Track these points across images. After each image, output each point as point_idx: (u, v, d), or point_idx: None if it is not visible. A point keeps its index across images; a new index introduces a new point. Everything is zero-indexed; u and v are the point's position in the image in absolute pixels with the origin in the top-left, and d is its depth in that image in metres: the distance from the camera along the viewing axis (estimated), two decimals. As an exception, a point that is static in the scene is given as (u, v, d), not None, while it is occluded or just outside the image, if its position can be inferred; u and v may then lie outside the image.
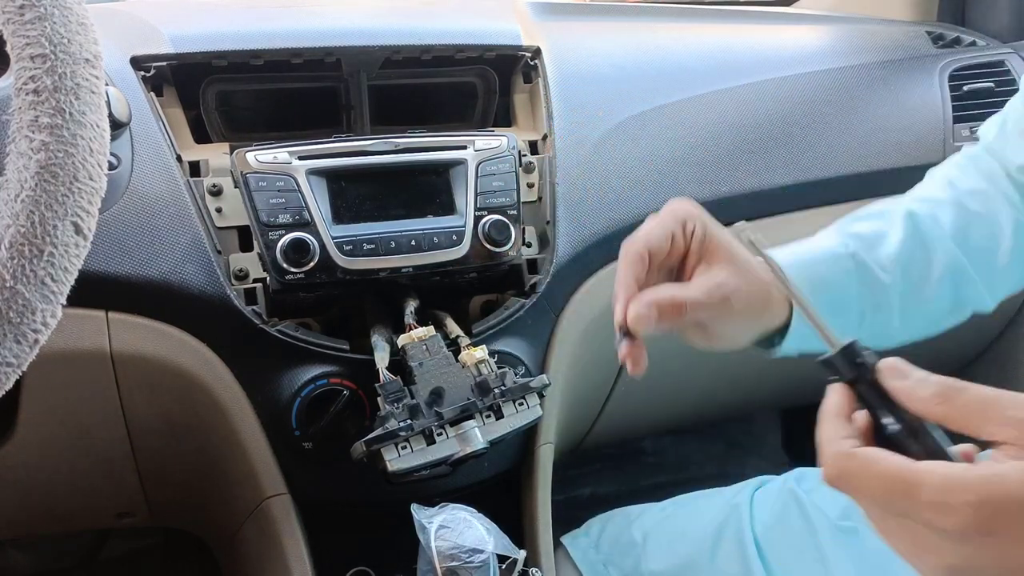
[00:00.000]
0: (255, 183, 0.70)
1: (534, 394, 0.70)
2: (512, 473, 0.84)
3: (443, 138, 0.77)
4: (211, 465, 0.80)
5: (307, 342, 0.73)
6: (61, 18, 0.50)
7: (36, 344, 0.48)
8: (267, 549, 0.77)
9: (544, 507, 0.82)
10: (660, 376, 1.05)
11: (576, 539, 0.89)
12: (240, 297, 0.73)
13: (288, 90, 0.86)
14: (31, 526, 0.97)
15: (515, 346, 0.79)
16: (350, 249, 0.71)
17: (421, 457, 0.65)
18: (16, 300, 0.47)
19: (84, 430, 0.78)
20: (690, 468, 1.54)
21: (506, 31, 0.90)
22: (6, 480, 0.82)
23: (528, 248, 0.82)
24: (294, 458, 0.75)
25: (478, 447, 0.67)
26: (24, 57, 0.49)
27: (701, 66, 1.00)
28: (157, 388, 0.74)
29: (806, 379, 1.20)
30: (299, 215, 0.71)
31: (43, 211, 0.47)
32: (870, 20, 1.25)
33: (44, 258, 0.47)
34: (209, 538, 1.01)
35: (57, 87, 0.49)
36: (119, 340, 0.71)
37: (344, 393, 0.72)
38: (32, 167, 0.48)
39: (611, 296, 0.75)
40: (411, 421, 0.65)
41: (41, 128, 0.48)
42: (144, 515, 0.92)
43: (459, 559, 0.62)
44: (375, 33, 0.83)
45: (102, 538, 1.27)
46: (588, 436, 1.08)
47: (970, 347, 1.29)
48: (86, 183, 0.49)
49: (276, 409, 0.73)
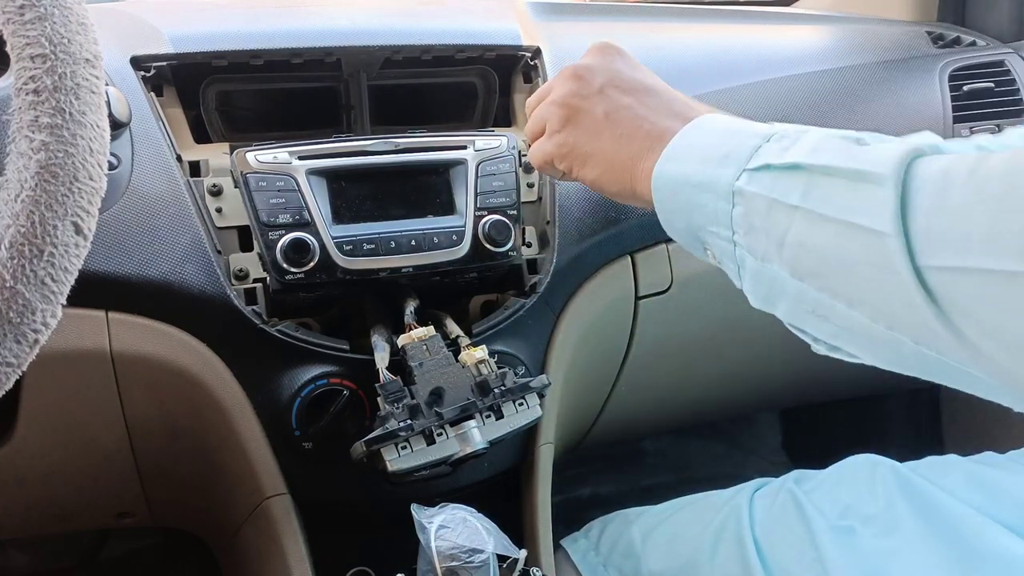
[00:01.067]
0: (255, 183, 0.70)
1: (534, 394, 0.70)
2: (512, 473, 0.84)
3: (443, 138, 0.77)
4: (211, 465, 0.80)
5: (307, 342, 0.73)
6: (61, 18, 0.50)
7: (36, 344, 0.48)
8: (267, 549, 0.77)
9: (544, 507, 0.82)
10: (660, 376, 1.05)
11: (576, 541, 0.89)
12: (240, 297, 0.73)
13: (288, 90, 0.86)
14: (31, 526, 0.97)
15: (515, 346, 0.79)
16: (350, 249, 0.71)
17: (421, 457, 0.65)
18: (16, 300, 0.47)
19: (84, 430, 0.78)
20: (690, 468, 1.54)
21: (506, 31, 0.90)
22: (6, 480, 0.82)
23: (528, 248, 0.82)
24: (294, 458, 0.75)
25: (478, 447, 0.67)
26: (24, 57, 0.49)
27: (701, 66, 1.00)
28: (157, 388, 0.74)
29: (806, 379, 1.21)
30: (299, 215, 0.71)
31: (43, 211, 0.47)
32: (870, 20, 1.24)
33: (44, 258, 0.47)
34: (209, 538, 1.01)
35: (57, 87, 0.49)
36: (119, 340, 0.71)
37: (344, 393, 0.72)
38: (32, 167, 0.48)
39: (611, 296, 0.76)
40: (411, 421, 0.65)
41: (41, 128, 0.48)
42: (144, 515, 0.92)
43: (459, 559, 0.62)
44: (375, 33, 0.83)
45: (102, 538, 1.27)
46: (588, 436, 1.08)
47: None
48: (86, 183, 0.49)
49: (276, 409, 0.73)
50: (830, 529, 0.77)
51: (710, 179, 0.53)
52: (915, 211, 0.43)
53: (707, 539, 0.82)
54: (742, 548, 0.79)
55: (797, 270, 0.48)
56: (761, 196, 0.50)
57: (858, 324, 0.46)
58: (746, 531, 0.80)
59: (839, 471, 0.84)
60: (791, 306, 0.50)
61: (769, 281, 0.51)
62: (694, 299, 0.92)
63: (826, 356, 0.52)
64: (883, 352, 0.47)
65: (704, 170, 0.53)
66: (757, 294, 0.53)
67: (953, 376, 0.45)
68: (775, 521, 0.80)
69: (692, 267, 0.90)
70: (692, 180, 0.54)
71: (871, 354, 0.48)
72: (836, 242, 0.46)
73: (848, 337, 0.49)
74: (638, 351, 0.94)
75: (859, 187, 0.45)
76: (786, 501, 0.81)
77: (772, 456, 1.58)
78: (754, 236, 0.50)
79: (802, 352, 0.54)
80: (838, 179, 0.47)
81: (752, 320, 1.02)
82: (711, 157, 0.53)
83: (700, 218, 0.54)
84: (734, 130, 0.54)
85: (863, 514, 0.78)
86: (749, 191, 0.50)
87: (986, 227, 0.40)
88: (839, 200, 0.46)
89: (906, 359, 0.46)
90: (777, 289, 0.50)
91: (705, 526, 0.83)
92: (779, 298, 0.51)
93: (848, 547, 0.76)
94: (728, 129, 0.55)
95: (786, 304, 0.51)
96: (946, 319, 0.41)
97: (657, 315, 0.91)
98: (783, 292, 0.50)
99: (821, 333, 0.50)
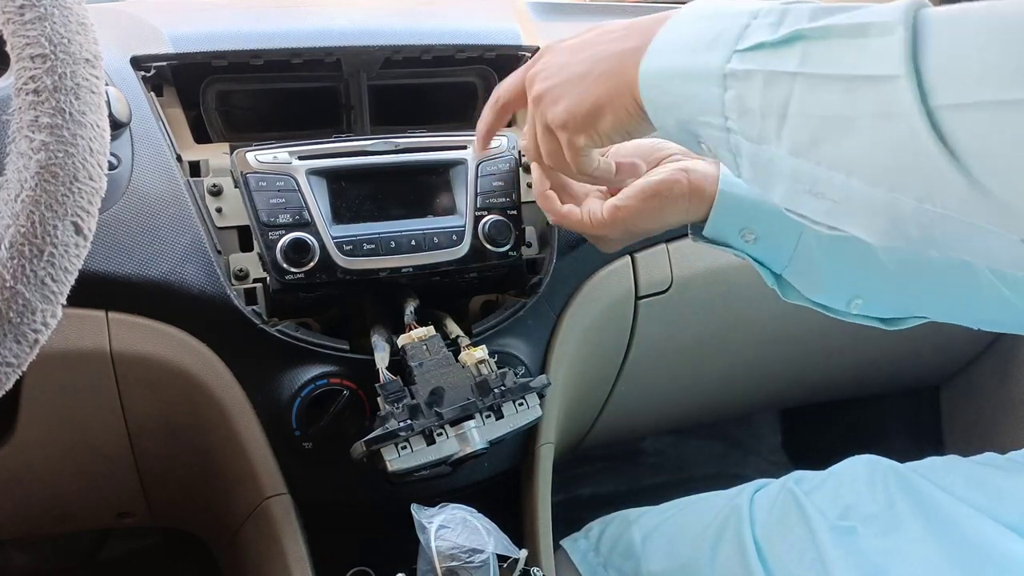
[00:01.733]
0: (255, 183, 0.70)
1: (534, 394, 0.70)
2: (512, 473, 0.84)
3: (443, 138, 0.77)
4: (211, 465, 0.80)
5: (307, 342, 0.73)
6: (61, 18, 0.50)
7: (36, 344, 0.48)
8: (267, 549, 0.77)
9: (544, 507, 0.82)
10: (660, 376, 1.05)
11: (576, 542, 0.89)
12: (240, 297, 0.73)
13: (288, 90, 0.86)
14: (31, 526, 0.97)
15: (515, 346, 0.79)
16: (350, 249, 0.71)
17: (421, 457, 0.65)
18: (16, 300, 0.47)
19: (84, 430, 0.78)
20: (690, 468, 1.54)
21: (506, 31, 0.90)
22: (6, 480, 0.82)
23: (528, 248, 0.82)
24: (294, 458, 0.75)
25: (478, 447, 0.67)
26: (24, 57, 0.49)
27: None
28: (157, 388, 0.74)
29: (806, 379, 1.21)
30: (299, 215, 0.71)
31: (43, 211, 0.47)
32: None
33: (44, 258, 0.47)
34: (209, 538, 1.01)
35: (57, 87, 0.49)
36: (119, 340, 0.71)
37: (344, 393, 0.72)
38: (32, 167, 0.48)
39: (611, 296, 0.76)
40: (411, 421, 0.65)
41: (41, 128, 0.48)
42: (144, 515, 0.92)
43: (459, 559, 0.62)
44: (375, 33, 0.83)
45: (102, 538, 1.27)
46: (588, 436, 1.08)
47: (970, 347, 1.29)
48: (86, 183, 0.49)
49: (276, 409, 0.73)
50: (831, 529, 0.77)
51: (699, 67, 0.50)
52: (928, 49, 0.41)
53: (707, 539, 0.82)
54: (742, 548, 0.79)
55: (796, 145, 0.47)
56: (757, 72, 0.48)
57: (857, 194, 0.45)
58: (746, 531, 0.80)
59: (839, 471, 0.85)
60: (788, 187, 0.49)
61: (766, 164, 0.49)
62: (694, 299, 0.92)
63: (826, 356, 0.52)
64: (882, 224, 0.45)
65: (692, 58, 0.51)
66: (756, 180, 0.51)
67: (951, 238, 0.44)
68: (776, 521, 0.80)
69: (692, 267, 0.90)
70: (680, 71, 0.52)
71: (870, 229, 0.47)
72: (839, 99, 0.44)
73: (845, 211, 0.47)
74: (638, 351, 0.94)
75: (865, 41, 0.43)
76: (787, 501, 0.81)
77: (772, 456, 1.59)
78: (748, 118, 0.49)
79: (802, 352, 0.54)
80: (840, 39, 0.45)
81: (752, 320, 1.03)
82: (698, 44, 0.51)
83: (691, 110, 0.52)
84: (721, 12, 0.51)
85: (864, 514, 0.78)
86: (742, 70, 0.48)
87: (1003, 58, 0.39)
88: (841, 56, 0.44)
89: (907, 227, 0.44)
90: (775, 172, 0.49)
91: (705, 527, 0.83)
92: (776, 181, 0.49)
93: (849, 547, 0.76)
94: (716, 12, 0.52)
95: (783, 186, 0.49)
96: (957, 162, 0.40)
97: (657, 315, 0.91)
98: (780, 174, 0.49)
99: (818, 214, 0.49)
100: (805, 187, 0.48)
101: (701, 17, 0.53)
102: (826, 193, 0.47)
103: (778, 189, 0.50)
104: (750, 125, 0.49)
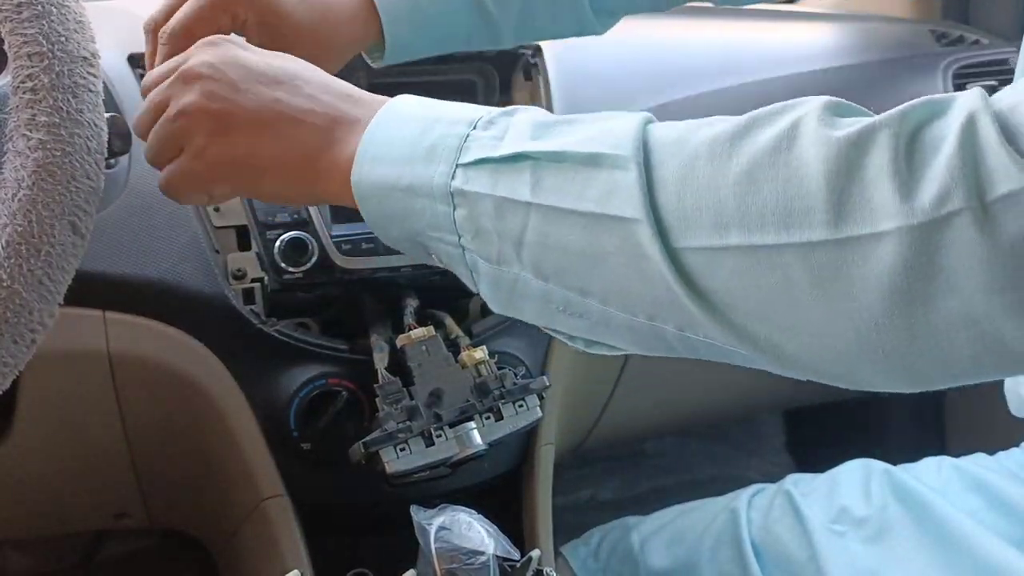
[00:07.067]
0: (254, 182, 0.70)
1: (534, 395, 0.70)
2: (512, 474, 0.83)
3: (443, 137, 0.76)
4: (208, 466, 0.80)
5: (305, 342, 0.73)
6: (59, 16, 0.50)
7: (33, 344, 0.48)
8: (265, 551, 0.76)
9: (545, 508, 0.82)
10: (662, 378, 1.05)
11: (575, 549, 0.89)
12: (238, 297, 0.73)
13: (287, 89, 0.85)
14: (28, 526, 0.97)
15: (515, 347, 0.79)
16: (349, 248, 0.71)
17: (420, 459, 0.65)
18: (13, 300, 0.46)
19: (81, 430, 0.78)
20: (692, 470, 1.54)
21: (507, 30, 0.89)
22: (3, 480, 0.82)
23: (529, 248, 0.82)
24: (292, 459, 0.75)
25: (477, 449, 0.66)
26: (21, 55, 0.49)
27: (703, 64, 1.00)
28: (154, 388, 0.74)
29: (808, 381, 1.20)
30: (297, 214, 0.70)
31: (40, 210, 0.47)
32: (873, 18, 1.24)
33: (41, 257, 0.47)
34: (207, 539, 1.00)
35: (55, 85, 0.49)
36: (116, 340, 0.71)
37: (343, 394, 0.72)
38: (29, 166, 0.48)
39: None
40: (410, 422, 0.65)
41: (38, 127, 0.48)
42: (141, 516, 0.92)
43: (459, 561, 0.62)
44: (375, 31, 0.83)
45: (99, 539, 1.27)
46: (589, 438, 1.08)
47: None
48: (83, 182, 0.49)
49: (274, 410, 0.73)
50: (826, 532, 0.78)
51: (421, 180, 0.46)
52: (663, 189, 0.40)
53: (705, 542, 0.82)
54: (740, 551, 0.80)
55: (541, 270, 0.44)
56: (485, 195, 0.44)
57: (615, 319, 0.43)
58: (744, 534, 0.81)
59: (835, 475, 0.85)
60: (539, 308, 0.46)
61: (510, 285, 0.45)
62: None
63: None
64: (647, 342, 0.44)
65: (412, 170, 0.46)
66: (497, 300, 0.47)
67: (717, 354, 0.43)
68: (772, 524, 0.81)
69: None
70: (400, 184, 0.46)
71: (635, 345, 0.45)
72: (581, 235, 0.42)
73: (606, 331, 0.44)
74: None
75: (596, 172, 0.41)
76: (783, 504, 0.82)
77: (775, 458, 1.58)
78: (484, 239, 0.45)
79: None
80: (570, 165, 0.42)
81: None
82: (415, 154, 0.46)
83: (418, 223, 0.47)
84: (433, 116, 0.47)
85: (857, 517, 0.79)
86: (470, 191, 0.44)
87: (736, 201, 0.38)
88: (576, 190, 0.42)
89: (673, 346, 0.43)
90: (520, 292, 0.45)
91: (703, 530, 0.83)
92: (523, 301, 0.46)
93: (845, 550, 0.76)
94: (427, 115, 0.47)
95: (533, 306, 0.46)
96: (706, 302, 0.39)
97: (658, 315, 0.91)
98: (527, 295, 0.45)
99: (576, 331, 0.46)
100: (558, 307, 0.45)
101: (412, 118, 0.48)
102: (584, 315, 0.44)
103: (527, 309, 0.47)
104: (486, 245, 0.45)
